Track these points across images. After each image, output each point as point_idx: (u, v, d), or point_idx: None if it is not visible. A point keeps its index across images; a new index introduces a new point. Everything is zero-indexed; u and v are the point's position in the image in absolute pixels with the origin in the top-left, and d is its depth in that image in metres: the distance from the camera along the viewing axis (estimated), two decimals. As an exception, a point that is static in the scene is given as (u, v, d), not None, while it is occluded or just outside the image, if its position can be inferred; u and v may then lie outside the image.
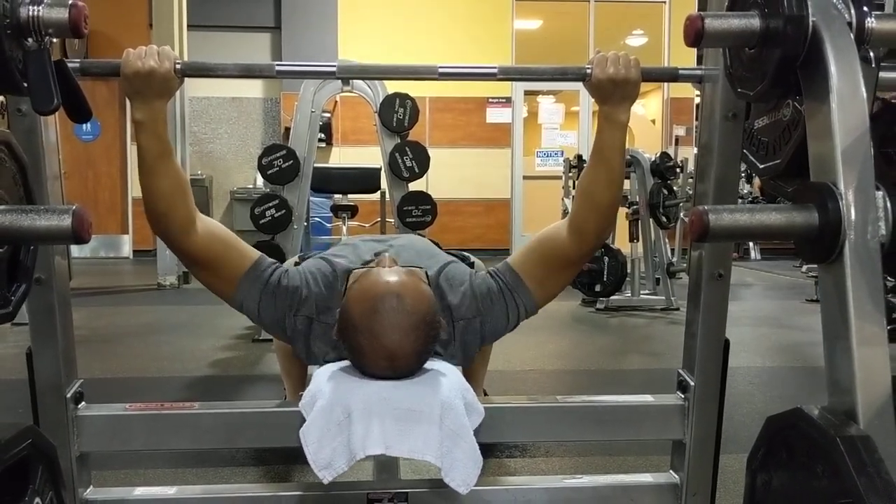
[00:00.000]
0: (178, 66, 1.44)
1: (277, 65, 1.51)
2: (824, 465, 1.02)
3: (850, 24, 1.22)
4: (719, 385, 1.67)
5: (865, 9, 1.23)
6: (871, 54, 1.26)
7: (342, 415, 1.39)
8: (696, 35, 1.27)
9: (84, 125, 9.01)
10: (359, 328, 1.45)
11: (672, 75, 1.64)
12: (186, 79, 1.53)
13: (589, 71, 1.50)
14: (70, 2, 1.20)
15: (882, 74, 1.31)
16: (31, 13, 1.17)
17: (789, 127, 1.42)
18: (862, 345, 1.09)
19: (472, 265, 1.83)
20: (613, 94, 1.50)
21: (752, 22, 1.24)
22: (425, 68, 1.54)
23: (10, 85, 1.17)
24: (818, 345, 1.18)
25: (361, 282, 1.52)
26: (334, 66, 1.57)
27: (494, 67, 1.53)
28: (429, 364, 1.60)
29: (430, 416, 1.40)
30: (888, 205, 1.16)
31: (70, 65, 1.37)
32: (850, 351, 1.10)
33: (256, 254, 1.63)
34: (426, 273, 1.62)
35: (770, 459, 1.17)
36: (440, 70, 1.52)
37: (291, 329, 1.63)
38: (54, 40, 1.25)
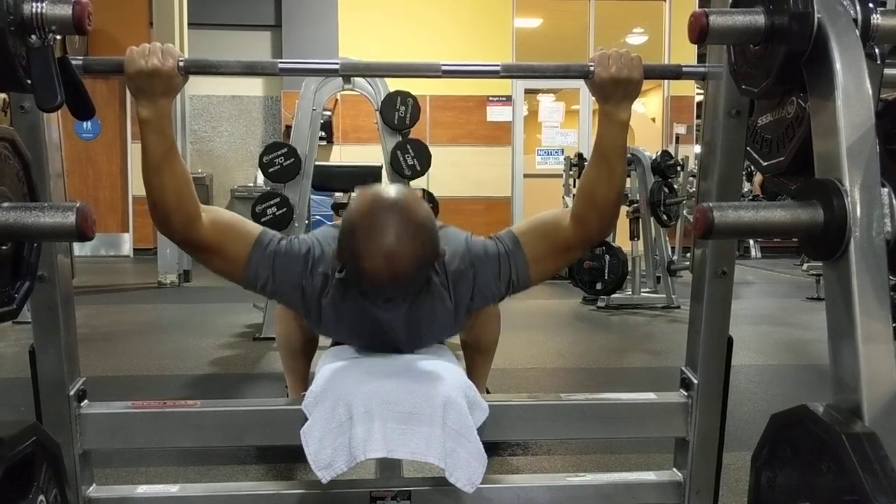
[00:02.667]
0: (181, 64, 1.42)
1: (280, 62, 1.51)
2: (829, 462, 1.02)
3: (855, 20, 1.22)
4: (723, 382, 1.67)
5: (871, 5, 1.23)
6: (877, 51, 1.26)
7: (344, 415, 1.39)
8: (700, 32, 1.26)
9: (85, 123, 9.00)
10: (357, 231, 1.43)
11: (675, 73, 1.63)
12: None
13: (591, 68, 1.48)
14: (73, -1, 1.19)
15: (887, 71, 1.31)
16: (34, 10, 1.17)
17: (793, 124, 1.42)
18: (867, 342, 1.09)
19: None
20: (615, 92, 1.49)
21: (757, 18, 1.24)
22: (428, 66, 1.53)
23: (14, 82, 1.17)
24: (820, 343, 1.19)
25: (362, 193, 1.51)
26: (337, 63, 1.57)
27: (497, 65, 1.52)
28: (429, 360, 1.60)
29: (431, 418, 1.39)
30: (893, 202, 1.17)
31: (73, 61, 1.36)
32: (855, 348, 1.10)
33: (258, 229, 1.61)
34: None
35: (774, 456, 1.17)
36: (443, 68, 1.51)
37: (310, 289, 1.60)
38: (58, 37, 1.24)
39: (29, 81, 1.19)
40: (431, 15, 9.58)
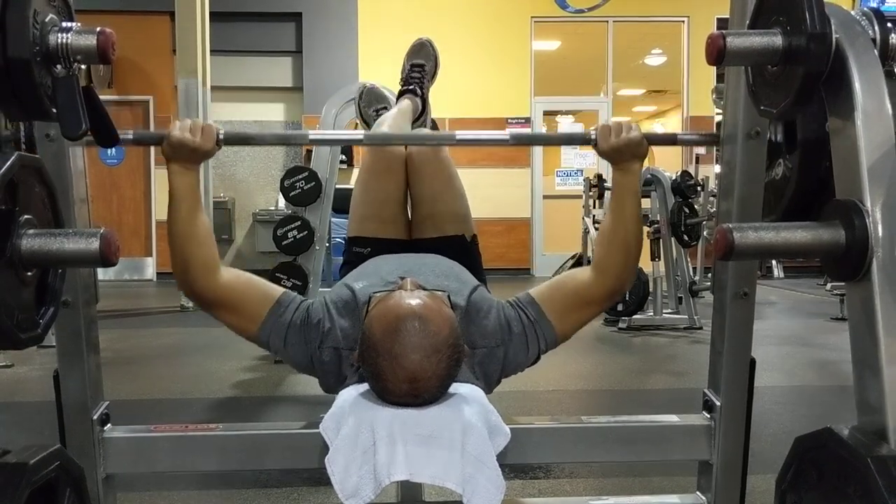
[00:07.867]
0: (220, 137, 1.55)
1: (311, 133, 1.66)
2: (855, 486, 1.01)
3: (873, 40, 1.22)
4: (746, 404, 1.66)
5: (889, 25, 1.23)
6: (896, 70, 1.25)
7: (368, 441, 1.38)
8: (718, 53, 1.27)
9: (109, 150, 9.13)
10: (379, 350, 1.43)
11: (671, 140, 1.74)
12: (211, 102, 1.59)
13: (593, 136, 1.60)
14: (98, 29, 1.22)
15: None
16: (59, 40, 1.20)
17: (781, 185, 1.49)
18: (892, 363, 1.08)
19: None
20: (621, 156, 1.60)
21: (775, 40, 1.24)
22: (445, 135, 1.82)
23: (40, 111, 1.19)
24: (845, 363, 1.17)
25: (382, 305, 1.50)
26: (361, 134, 1.78)
27: (507, 135, 1.71)
28: (451, 386, 1.59)
29: (451, 442, 1.38)
30: (916, 221, 1.15)
31: (123, 136, 1.48)
32: (879, 370, 1.08)
33: (279, 291, 1.65)
34: (448, 297, 1.59)
35: (799, 480, 1.15)
36: (457, 136, 1.73)
37: (319, 363, 1.63)
38: (83, 67, 1.27)
39: (54, 110, 1.21)
40: (451, 40, 9.58)
